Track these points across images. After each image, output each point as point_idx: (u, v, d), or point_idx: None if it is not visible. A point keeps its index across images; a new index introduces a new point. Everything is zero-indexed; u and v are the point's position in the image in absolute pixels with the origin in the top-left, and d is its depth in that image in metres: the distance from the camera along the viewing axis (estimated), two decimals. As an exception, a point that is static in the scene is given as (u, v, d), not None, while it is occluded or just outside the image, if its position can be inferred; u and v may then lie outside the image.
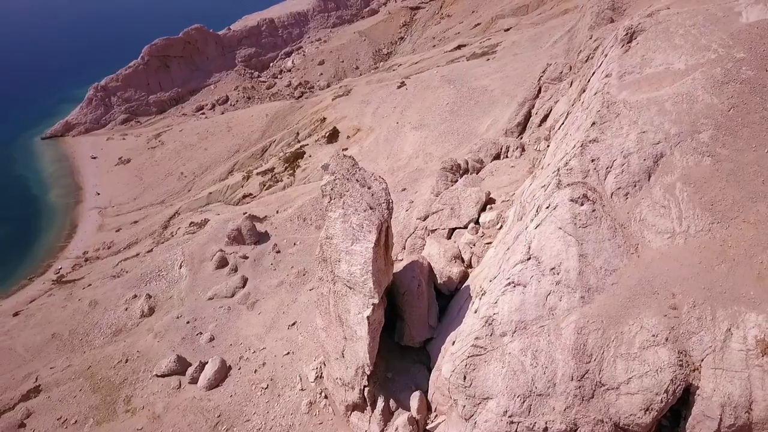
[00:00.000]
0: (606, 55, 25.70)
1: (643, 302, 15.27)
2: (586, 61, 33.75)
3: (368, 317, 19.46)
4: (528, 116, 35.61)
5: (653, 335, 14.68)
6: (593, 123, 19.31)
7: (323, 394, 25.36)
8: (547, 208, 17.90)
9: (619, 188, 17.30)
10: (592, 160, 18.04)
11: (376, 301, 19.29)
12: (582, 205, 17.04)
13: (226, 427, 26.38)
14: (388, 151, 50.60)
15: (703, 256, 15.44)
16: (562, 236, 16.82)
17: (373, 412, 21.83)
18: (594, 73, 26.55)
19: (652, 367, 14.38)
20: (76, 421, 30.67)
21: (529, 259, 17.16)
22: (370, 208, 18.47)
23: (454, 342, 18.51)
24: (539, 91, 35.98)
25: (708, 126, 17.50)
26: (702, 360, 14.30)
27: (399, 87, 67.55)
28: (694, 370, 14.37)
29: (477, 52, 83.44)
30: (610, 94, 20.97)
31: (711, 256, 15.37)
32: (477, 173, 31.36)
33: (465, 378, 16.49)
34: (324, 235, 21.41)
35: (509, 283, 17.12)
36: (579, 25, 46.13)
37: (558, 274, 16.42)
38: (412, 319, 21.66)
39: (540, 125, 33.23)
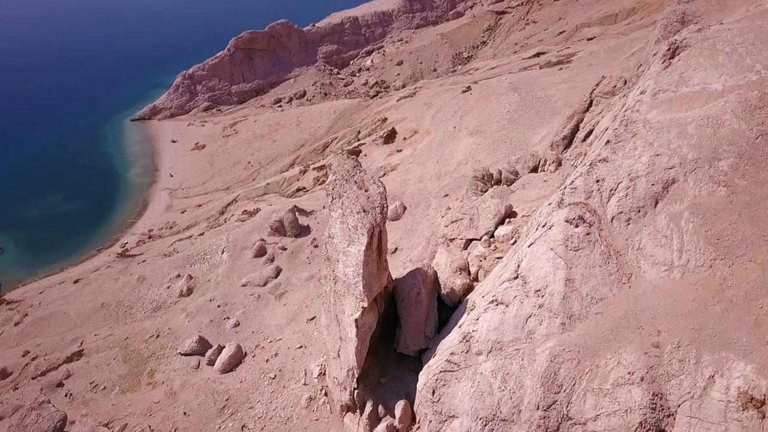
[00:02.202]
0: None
1: (625, 336, 14.26)
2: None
3: (356, 320, 19.39)
4: (575, 130, 34.03)
5: (629, 372, 13.67)
6: (607, 141, 18.25)
7: (324, 392, 25.54)
8: (543, 226, 17.11)
9: (621, 212, 16.24)
10: (597, 181, 17.06)
11: (365, 304, 19.16)
12: (577, 226, 16.14)
13: (231, 411, 27.13)
14: (439, 156, 50.06)
15: (699, 293, 14.20)
16: (552, 258, 16.02)
17: (361, 415, 21.76)
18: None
19: (622, 407, 13.40)
20: (105, 387, 32.58)
21: (516, 278, 16.48)
22: (363, 211, 18.38)
23: (434, 354, 18.09)
24: (590, 104, 34.33)
25: (730, 153, 16.06)
26: (678, 406, 13.16)
27: (464, 91, 66.68)
28: (668, 416, 13.25)
29: (552, 60, 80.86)
30: (639, 112, 19.71)
31: (707, 294, 14.11)
32: (510, 185, 30.37)
33: (434, 393, 16.07)
34: (327, 233, 21.59)
35: (492, 301, 16.52)
36: (650, 37, 43.67)
37: (542, 297, 15.65)
38: (408, 327, 21.36)
39: (584, 140, 31.72)
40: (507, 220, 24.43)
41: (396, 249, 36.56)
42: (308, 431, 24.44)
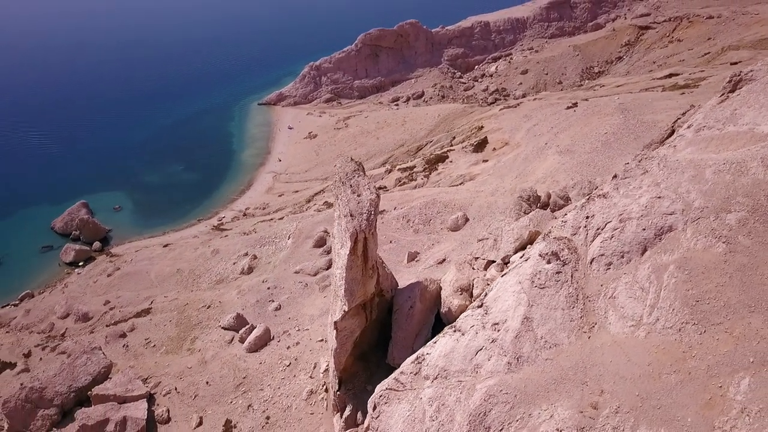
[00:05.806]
0: (718, 104, 21.64)
1: (567, 389, 13.04)
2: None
3: (335, 322, 19.53)
4: (650, 160, 31.03)
5: (557, 429, 12.50)
6: (615, 176, 16.70)
7: (325, 387, 25.89)
8: (521, 257, 16.06)
9: (602, 255, 14.81)
10: (587, 217, 15.69)
11: (346, 308, 19.23)
12: (549, 263, 14.98)
13: (244, 389, 28.40)
14: (520, 171, 48.16)
15: (657, 358, 12.61)
16: (518, 292, 15.04)
17: (341, 417, 21.87)
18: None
19: (540, 465, 12.31)
20: (154, 345, 35.45)
21: (481, 306, 15.68)
22: (351, 215, 18.39)
23: (396, 371, 17.68)
24: (671, 134, 31.14)
25: (742, 207, 14.03)
26: (600, 477, 11.83)
27: (568, 108, 63.41)
28: (588, 486, 11.96)
29: (679, 83, 74.28)
30: (675, 147, 17.83)
31: (666, 360, 12.49)
32: (557, 209, 28.52)
33: (375, 408, 15.75)
34: (332, 233, 21.88)
35: (452, 326, 15.85)
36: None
37: (498, 331, 14.77)
38: (396, 340, 21.05)
39: (653, 172, 28.82)
40: (529, 246, 23.05)
41: (444, 260, 35.83)
42: (302, 423, 24.96)
